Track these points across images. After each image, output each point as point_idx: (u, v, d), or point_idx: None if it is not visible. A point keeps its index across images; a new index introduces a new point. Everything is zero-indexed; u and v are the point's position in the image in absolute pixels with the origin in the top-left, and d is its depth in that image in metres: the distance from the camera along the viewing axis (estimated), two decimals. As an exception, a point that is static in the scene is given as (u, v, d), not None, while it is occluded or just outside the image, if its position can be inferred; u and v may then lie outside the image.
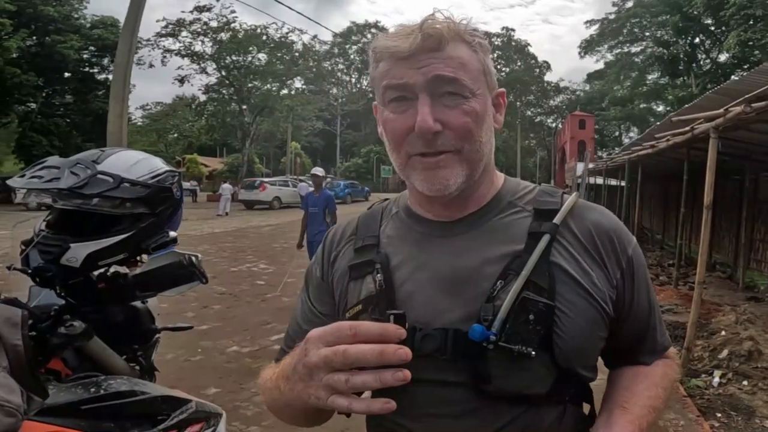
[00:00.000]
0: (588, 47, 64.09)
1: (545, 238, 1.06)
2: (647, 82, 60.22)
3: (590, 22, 74.90)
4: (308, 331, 0.96)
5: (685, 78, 50.85)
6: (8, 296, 1.75)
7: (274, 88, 48.37)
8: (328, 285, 1.24)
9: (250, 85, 46.89)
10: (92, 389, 1.61)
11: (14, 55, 34.48)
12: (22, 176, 1.78)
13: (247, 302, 8.50)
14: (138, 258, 2.01)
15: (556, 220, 1.08)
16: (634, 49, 59.32)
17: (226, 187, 29.91)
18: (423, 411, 1.05)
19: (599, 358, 1.16)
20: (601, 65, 68.89)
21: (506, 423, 1.02)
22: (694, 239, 13.83)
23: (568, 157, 55.83)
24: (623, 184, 17.26)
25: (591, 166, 26.75)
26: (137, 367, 2.05)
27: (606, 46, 62.42)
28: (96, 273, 1.90)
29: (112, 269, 1.93)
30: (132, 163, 1.88)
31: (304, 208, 9.12)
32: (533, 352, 0.98)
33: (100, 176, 1.75)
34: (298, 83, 53.89)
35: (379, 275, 1.11)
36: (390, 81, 1.04)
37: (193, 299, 8.33)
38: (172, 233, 1.99)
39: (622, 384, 1.15)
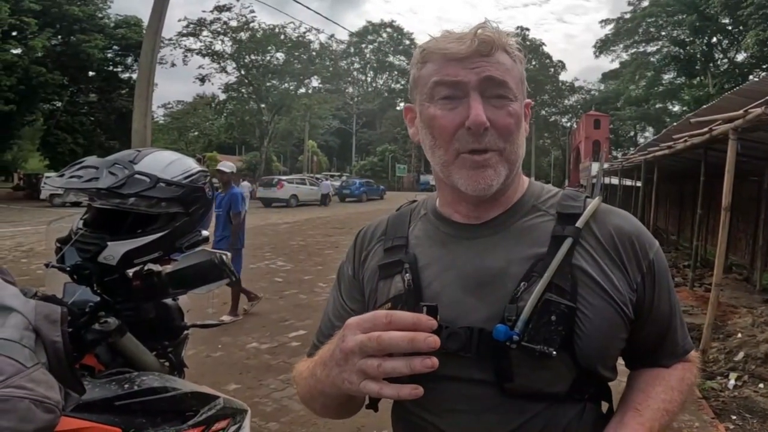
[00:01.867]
0: (603, 47, 63.56)
1: (568, 242, 1.09)
2: (663, 81, 59.49)
3: (605, 22, 74.29)
4: (339, 326, 1.01)
5: (702, 78, 50.22)
6: (46, 293, 1.81)
7: (291, 87, 48.68)
8: (359, 283, 1.29)
9: (268, 84, 47.24)
10: (126, 385, 1.64)
11: (39, 54, 34.53)
12: (61, 176, 1.81)
13: (266, 299, 8.53)
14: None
15: (579, 223, 1.11)
16: (649, 49, 58.79)
17: (245, 185, 29.91)
18: (447, 407, 1.09)
19: (620, 359, 1.19)
20: (616, 65, 68.70)
21: (527, 419, 1.06)
22: (710, 240, 13.70)
23: (583, 157, 55.54)
24: (638, 184, 17.11)
25: (606, 166, 26.59)
26: (167, 364, 2.08)
27: (621, 46, 61.92)
28: (131, 271, 1.93)
29: (146, 267, 1.96)
30: (167, 164, 1.91)
31: None
32: (554, 352, 1.01)
33: (137, 176, 1.78)
34: (315, 82, 54.29)
35: (407, 275, 1.15)
36: (443, 78, 1.08)
37: (213, 295, 8.17)
38: (204, 232, 2.03)
39: (638, 386, 1.18)
